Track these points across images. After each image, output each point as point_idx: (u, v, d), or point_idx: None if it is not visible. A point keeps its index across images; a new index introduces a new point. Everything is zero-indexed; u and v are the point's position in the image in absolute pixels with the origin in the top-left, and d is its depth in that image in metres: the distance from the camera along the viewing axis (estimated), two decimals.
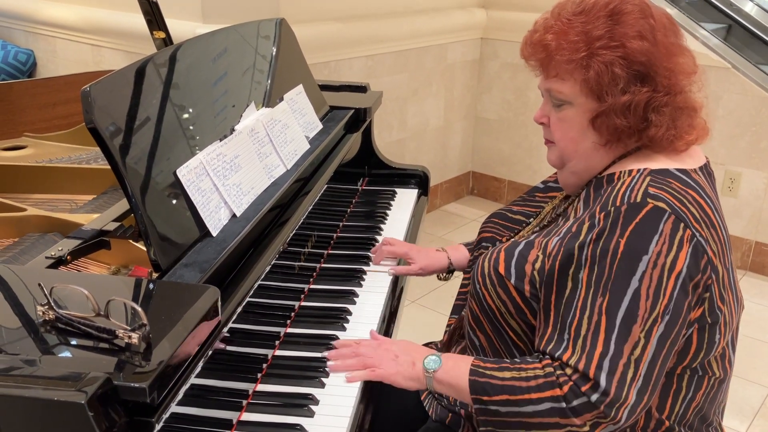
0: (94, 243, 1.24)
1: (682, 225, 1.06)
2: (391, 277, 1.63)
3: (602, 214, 1.10)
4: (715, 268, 1.10)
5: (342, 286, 1.56)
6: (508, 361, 1.15)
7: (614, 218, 1.08)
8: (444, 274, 1.69)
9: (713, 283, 1.10)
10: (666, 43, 1.15)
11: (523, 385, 1.08)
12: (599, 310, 1.06)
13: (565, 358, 1.07)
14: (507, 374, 1.11)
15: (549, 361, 1.09)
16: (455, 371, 1.16)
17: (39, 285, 0.92)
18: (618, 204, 1.09)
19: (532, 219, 1.44)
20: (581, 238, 1.10)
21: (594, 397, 1.04)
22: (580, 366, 1.05)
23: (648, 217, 1.06)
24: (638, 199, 1.08)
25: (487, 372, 1.13)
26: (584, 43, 1.14)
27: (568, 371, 1.06)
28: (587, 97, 1.16)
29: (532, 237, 1.23)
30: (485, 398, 1.11)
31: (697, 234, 1.07)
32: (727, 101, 3.42)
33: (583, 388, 1.05)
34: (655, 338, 1.05)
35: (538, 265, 1.16)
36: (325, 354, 1.29)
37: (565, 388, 1.06)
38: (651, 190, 1.09)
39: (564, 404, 1.05)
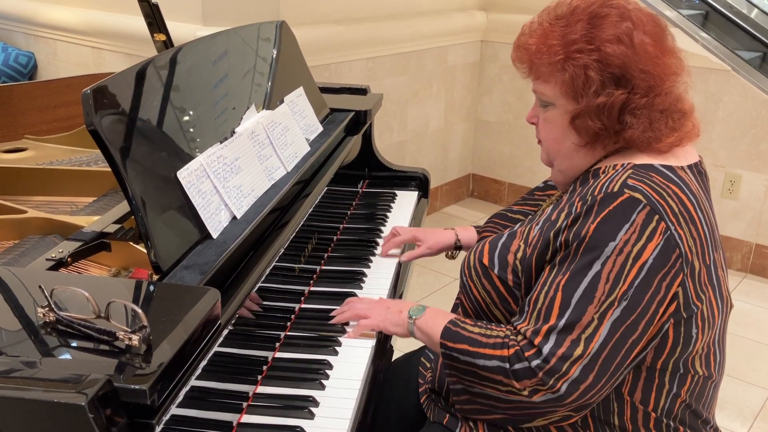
0: (95, 245, 1.24)
1: (656, 217, 1.08)
2: (392, 275, 1.64)
3: (580, 203, 1.12)
4: (690, 264, 1.10)
5: (342, 288, 1.56)
6: (484, 322, 1.22)
7: (589, 206, 1.10)
8: (451, 252, 1.73)
9: (686, 278, 1.10)
10: (646, 46, 1.16)
11: (482, 340, 1.16)
12: (556, 287, 1.10)
13: (520, 326, 1.14)
14: (476, 329, 1.19)
15: (512, 328, 1.16)
16: (433, 321, 1.26)
17: (39, 287, 0.92)
18: (596, 193, 1.11)
19: (530, 217, 1.45)
20: (558, 225, 1.14)
21: (534, 362, 1.08)
22: (528, 333, 1.11)
23: (621, 205, 1.09)
24: (615, 189, 1.10)
25: (461, 323, 1.21)
26: (561, 46, 1.17)
27: (519, 338, 1.13)
28: (566, 99, 1.19)
29: (516, 227, 1.28)
30: (449, 344, 1.19)
31: (672, 227, 1.08)
32: (727, 103, 3.43)
33: (526, 354, 1.10)
34: (608, 321, 1.07)
35: (519, 255, 1.20)
36: (332, 314, 1.41)
37: (511, 351, 1.12)
38: (629, 182, 1.11)
39: (507, 365, 1.11)
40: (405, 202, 2.08)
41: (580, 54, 1.15)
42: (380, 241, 1.79)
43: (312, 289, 1.56)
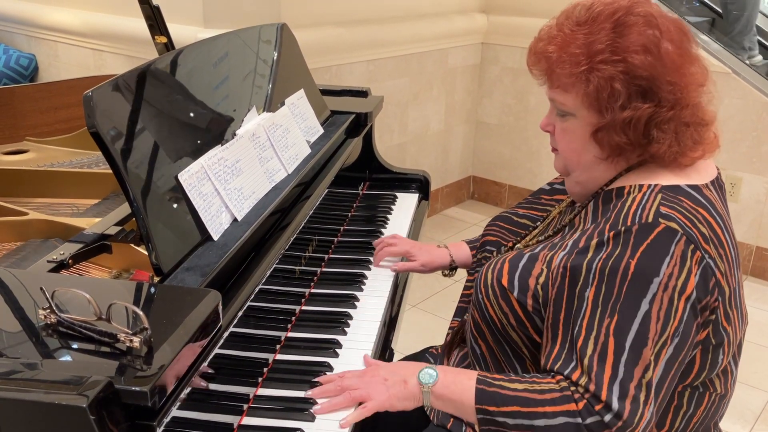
0: (96, 247, 1.24)
1: (692, 247, 1.05)
2: (391, 279, 1.63)
3: (612, 232, 1.08)
4: (722, 290, 1.09)
5: (343, 290, 1.56)
6: (517, 376, 1.13)
7: (625, 238, 1.06)
8: (447, 271, 1.69)
9: (719, 305, 1.09)
10: (672, 55, 1.11)
11: (537, 397, 1.06)
12: (606, 331, 1.04)
13: (574, 377, 1.06)
14: (519, 386, 1.09)
15: (562, 377, 1.07)
16: (456, 385, 1.13)
17: (41, 289, 0.92)
18: (629, 224, 1.07)
19: (538, 223, 1.43)
20: (589, 255, 1.08)
21: (607, 417, 1.02)
22: (591, 387, 1.04)
23: (659, 238, 1.05)
24: (650, 219, 1.06)
25: (496, 383, 1.10)
26: (585, 56, 1.11)
27: (581, 390, 1.05)
28: (589, 110, 1.13)
29: (537, 249, 1.21)
30: (492, 408, 1.08)
31: (707, 256, 1.06)
32: (727, 106, 3.43)
33: (597, 407, 1.03)
34: (663, 360, 1.04)
35: (542, 280, 1.15)
36: (309, 393, 1.19)
37: (581, 404, 1.04)
38: (662, 210, 1.07)
39: (579, 420, 1.04)
40: (405, 204, 2.08)
41: (606, 65, 1.09)
42: (384, 235, 1.79)
43: (313, 291, 1.56)
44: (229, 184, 1.30)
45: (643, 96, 1.10)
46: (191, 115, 1.34)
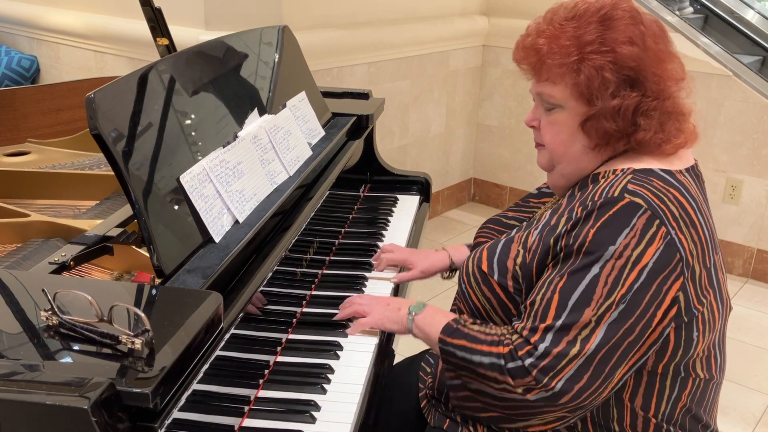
0: (98, 249, 1.24)
1: (657, 222, 1.08)
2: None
3: (580, 208, 1.13)
4: (692, 268, 1.11)
5: (344, 293, 1.56)
6: (487, 323, 1.23)
7: (589, 211, 1.11)
8: (447, 273, 1.70)
9: (687, 282, 1.10)
10: (656, 50, 1.16)
11: (480, 337, 1.17)
12: (554, 288, 1.11)
13: (517, 326, 1.15)
14: (475, 327, 1.20)
15: (510, 328, 1.17)
16: (432, 319, 1.28)
17: (42, 290, 0.92)
18: (596, 199, 1.11)
19: (524, 223, 1.44)
20: (558, 230, 1.14)
21: (528, 361, 1.09)
22: (524, 332, 1.12)
23: (621, 210, 1.09)
24: (615, 194, 1.10)
25: (462, 321, 1.22)
26: (575, 47, 1.15)
27: (515, 337, 1.13)
28: (577, 101, 1.17)
29: (513, 233, 1.27)
30: (448, 339, 1.20)
31: (673, 232, 1.09)
32: (728, 109, 3.43)
33: (520, 353, 1.10)
34: (605, 323, 1.07)
35: (519, 260, 1.20)
36: (338, 316, 1.43)
37: (506, 349, 1.13)
38: (630, 186, 1.11)
39: (502, 362, 1.12)
40: (406, 206, 2.08)
41: (596, 55, 1.14)
42: (382, 246, 1.79)
43: (314, 293, 1.56)
44: (231, 185, 1.30)
45: (631, 85, 1.16)
46: (193, 116, 1.34)
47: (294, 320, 1.45)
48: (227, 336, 1.13)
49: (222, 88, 1.49)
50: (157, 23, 1.82)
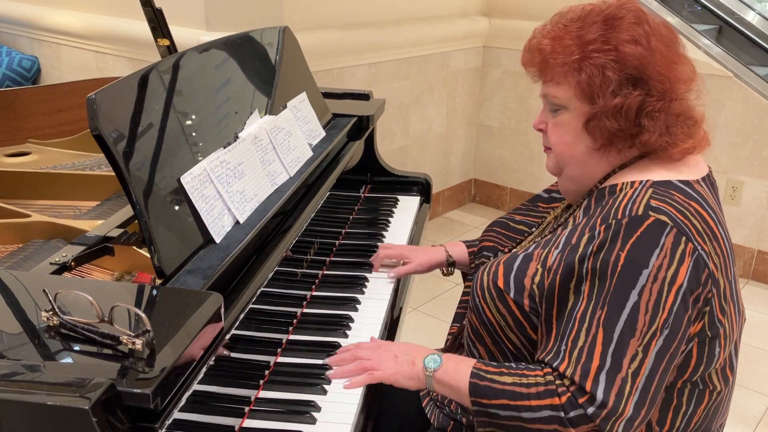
0: (98, 249, 1.24)
1: (683, 238, 1.06)
2: (393, 282, 1.63)
3: (603, 226, 1.09)
4: (717, 282, 1.09)
5: (344, 293, 1.56)
6: (509, 365, 1.15)
7: (615, 231, 1.07)
8: (446, 269, 1.69)
9: (714, 297, 1.09)
10: (662, 50, 1.15)
11: (523, 391, 1.09)
12: (597, 323, 1.06)
13: (561, 368, 1.07)
14: (508, 379, 1.11)
15: (549, 370, 1.09)
16: (455, 372, 1.16)
17: (43, 291, 0.92)
18: (619, 217, 1.09)
19: (534, 229, 1.44)
20: (581, 250, 1.10)
21: (590, 410, 1.04)
22: (576, 378, 1.05)
23: (649, 230, 1.06)
24: (640, 212, 1.08)
25: (488, 376, 1.13)
26: (577, 46, 1.15)
27: (566, 382, 1.07)
28: (581, 101, 1.17)
29: (531, 249, 1.22)
30: (484, 401, 1.11)
31: (699, 247, 1.07)
32: (729, 110, 3.43)
33: (580, 400, 1.05)
34: (653, 352, 1.04)
35: (537, 279, 1.16)
36: (327, 360, 1.29)
37: (564, 398, 1.06)
38: (653, 203, 1.09)
39: (562, 413, 1.05)
40: (407, 207, 2.08)
41: (598, 54, 1.13)
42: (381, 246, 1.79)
43: (314, 293, 1.56)
44: (232, 186, 1.30)
45: (633, 84, 1.14)
46: (193, 117, 1.34)
47: (294, 321, 1.45)
48: (228, 336, 1.13)
49: (223, 89, 1.49)
50: (158, 24, 1.82)
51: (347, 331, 1.42)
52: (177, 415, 0.93)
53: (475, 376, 1.13)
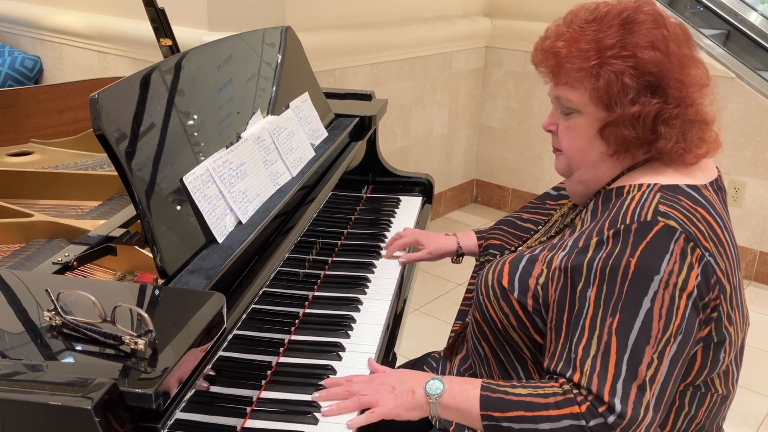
0: (101, 249, 1.25)
1: (691, 244, 1.05)
2: (396, 281, 1.63)
3: (611, 231, 1.08)
4: (723, 288, 1.09)
5: (346, 293, 1.56)
6: (520, 381, 1.14)
7: (624, 236, 1.06)
8: (455, 258, 1.71)
9: (721, 303, 1.09)
10: (679, 55, 1.13)
11: (541, 401, 1.06)
12: (609, 331, 1.04)
13: (575, 378, 1.05)
14: (522, 390, 1.09)
15: (564, 380, 1.07)
16: (463, 395, 1.12)
17: (46, 290, 0.92)
18: (628, 222, 1.07)
19: (540, 227, 1.43)
20: (589, 254, 1.09)
21: (611, 419, 1.02)
22: (594, 388, 1.03)
23: (658, 236, 1.05)
24: (648, 218, 1.07)
25: (500, 388, 1.10)
26: (595, 51, 1.12)
27: (583, 392, 1.05)
28: (596, 107, 1.14)
29: (537, 251, 1.21)
30: (497, 414, 1.07)
31: (707, 253, 1.06)
32: (731, 111, 3.42)
33: (600, 409, 1.03)
34: (668, 358, 1.04)
35: (542, 280, 1.15)
36: (316, 397, 1.20)
37: (584, 407, 1.04)
38: (661, 208, 1.08)
39: (583, 422, 1.03)
40: (409, 207, 2.08)
41: (616, 60, 1.10)
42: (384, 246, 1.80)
43: (316, 293, 1.56)
44: (234, 186, 1.30)
45: (652, 91, 1.12)
46: (196, 117, 1.34)
47: (297, 321, 1.45)
48: (230, 337, 1.13)
49: (225, 89, 1.49)
50: (161, 24, 1.82)
51: (349, 332, 1.42)
52: (179, 415, 0.93)
53: (486, 389, 1.11)
